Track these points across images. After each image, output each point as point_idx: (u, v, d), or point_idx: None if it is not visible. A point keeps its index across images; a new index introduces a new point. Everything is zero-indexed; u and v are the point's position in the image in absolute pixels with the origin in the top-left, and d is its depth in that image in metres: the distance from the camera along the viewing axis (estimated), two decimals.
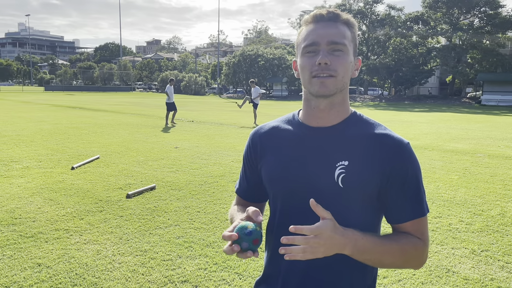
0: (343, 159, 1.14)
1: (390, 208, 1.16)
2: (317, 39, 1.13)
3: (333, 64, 1.12)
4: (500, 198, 5.80)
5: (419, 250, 1.15)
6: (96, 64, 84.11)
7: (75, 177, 6.67)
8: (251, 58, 52.87)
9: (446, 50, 41.44)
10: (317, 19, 1.16)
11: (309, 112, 1.22)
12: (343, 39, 1.14)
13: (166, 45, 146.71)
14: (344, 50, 1.14)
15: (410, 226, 1.16)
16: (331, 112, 1.18)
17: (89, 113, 19.88)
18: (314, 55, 1.14)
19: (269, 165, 1.25)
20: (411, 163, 1.15)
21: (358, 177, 1.12)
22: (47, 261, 3.59)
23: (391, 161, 1.13)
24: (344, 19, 1.16)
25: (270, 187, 1.26)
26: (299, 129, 1.23)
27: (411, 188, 1.15)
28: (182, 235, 4.28)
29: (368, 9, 47.98)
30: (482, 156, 9.24)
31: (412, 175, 1.15)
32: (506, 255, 3.84)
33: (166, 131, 13.23)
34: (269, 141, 1.28)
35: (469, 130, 14.78)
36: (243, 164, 1.38)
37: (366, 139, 1.16)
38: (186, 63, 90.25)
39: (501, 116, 23.50)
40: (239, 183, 1.41)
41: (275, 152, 1.24)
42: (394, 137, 1.16)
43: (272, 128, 1.30)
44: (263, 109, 25.29)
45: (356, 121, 1.21)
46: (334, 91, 1.14)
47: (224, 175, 6.96)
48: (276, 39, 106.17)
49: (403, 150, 1.14)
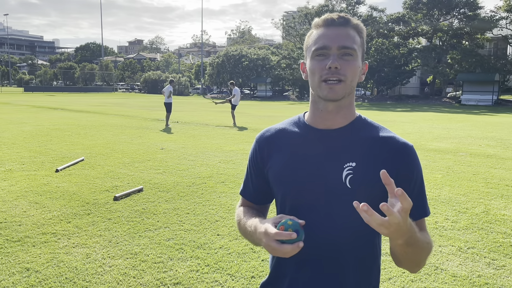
0: (351, 160, 1.16)
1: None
2: (328, 43, 1.15)
3: (343, 68, 1.14)
4: (483, 196, 5.93)
5: (432, 247, 1.20)
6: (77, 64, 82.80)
7: (60, 179, 6.56)
8: (235, 59, 52.86)
9: (426, 51, 42.10)
10: (328, 23, 1.18)
11: (316, 114, 1.23)
12: (353, 44, 1.16)
13: (149, 45, 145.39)
14: (354, 55, 1.16)
15: (418, 225, 1.18)
16: (338, 115, 1.21)
17: (71, 114, 19.58)
18: (324, 59, 1.15)
19: (277, 165, 1.25)
20: (416, 165, 1.19)
21: (365, 178, 1.15)
22: (35, 266, 3.53)
23: (398, 163, 1.16)
24: (354, 24, 1.18)
25: (278, 188, 1.26)
26: (306, 131, 1.25)
27: (417, 189, 1.19)
28: (172, 237, 4.26)
29: (350, 10, 48.43)
30: (464, 155, 9.43)
31: (417, 176, 1.19)
32: (492, 252, 3.94)
33: (149, 132, 13.12)
34: (276, 143, 1.29)
35: (450, 130, 15.07)
36: (248, 167, 1.38)
37: (373, 141, 1.19)
38: (169, 63, 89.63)
39: (481, 115, 24.00)
40: (244, 186, 1.41)
41: (283, 153, 1.25)
42: (399, 140, 1.20)
43: (278, 130, 1.31)
44: (248, 110, 25.30)
45: (361, 124, 1.23)
46: (342, 95, 1.16)
47: (212, 176, 6.95)
48: (259, 40, 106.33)
49: (408, 152, 1.18)
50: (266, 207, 1.41)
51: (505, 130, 14.90)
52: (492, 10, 39.62)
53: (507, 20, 38.09)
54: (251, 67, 52.41)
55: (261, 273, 3.49)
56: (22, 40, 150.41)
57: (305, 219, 1.18)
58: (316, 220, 1.17)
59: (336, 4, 49.23)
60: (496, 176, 7.18)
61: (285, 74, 51.05)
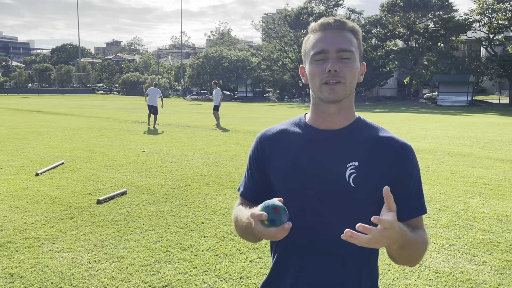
0: (354, 160, 1.20)
1: (398, 206, 1.22)
2: (326, 47, 1.18)
3: (342, 71, 1.17)
4: (462, 194, 6.09)
5: (428, 244, 1.25)
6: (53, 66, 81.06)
7: (41, 183, 6.44)
8: (215, 60, 52.73)
9: (403, 53, 42.89)
10: (324, 28, 1.21)
11: (318, 116, 1.26)
12: (351, 46, 1.19)
13: (127, 47, 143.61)
14: (352, 57, 1.19)
15: (415, 223, 1.24)
16: (339, 116, 1.24)
17: (48, 117, 19.18)
18: (323, 62, 1.18)
19: (280, 165, 1.27)
20: (415, 164, 1.24)
21: (368, 177, 1.19)
22: (19, 271, 3.46)
23: (398, 163, 1.21)
24: (350, 27, 1.22)
25: (281, 187, 1.27)
26: (308, 132, 1.27)
27: (416, 187, 1.24)
28: (158, 239, 4.23)
29: (329, 12, 48.90)
30: (442, 154, 9.66)
31: (416, 175, 1.24)
32: (473, 249, 4.05)
33: (130, 134, 12.97)
34: (278, 143, 1.30)
35: (428, 130, 15.39)
36: (248, 167, 1.39)
37: (373, 141, 1.23)
38: (148, 64, 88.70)
39: (456, 115, 24.60)
40: (243, 186, 1.41)
41: (286, 153, 1.27)
42: (399, 140, 1.25)
43: (280, 130, 1.33)
44: (229, 111, 25.28)
45: (361, 124, 1.28)
46: (343, 96, 1.20)
47: (196, 178, 6.93)
48: (239, 41, 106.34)
49: (408, 152, 1.23)
50: None
51: (480, 130, 15.31)
52: (466, 13, 40.77)
53: (481, 23, 39.15)
54: (231, 68, 52.37)
55: (249, 274, 3.51)
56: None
57: (309, 218, 1.21)
58: (320, 219, 1.20)
59: (315, 7, 49.63)
60: (473, 175, 7.39)
61: (266, 75, 51.20)
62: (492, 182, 6.87)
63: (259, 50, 56.96)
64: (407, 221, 1.23)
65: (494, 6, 36.63)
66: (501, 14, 36.85)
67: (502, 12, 36.68)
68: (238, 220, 1.31)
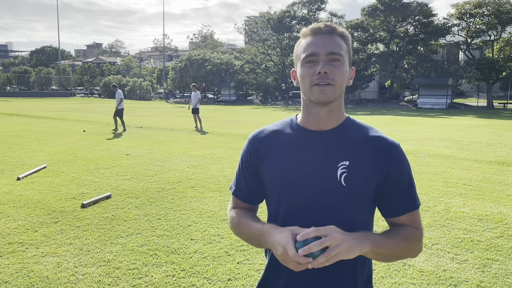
0: (344, 159, 1.24)
1: (387, 203, 1.28)
2: (316, 50, 1.22)
3: (331, 73, 1.21)
4: (443, 195, 6.23)
5: (418, 238, 1.29)
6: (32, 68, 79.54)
7: (23, 187, 6.34)
8: (198, 63, 52.56)
9: (384, 56, 43.55)
10: (315, 32, 1.25)
11: (308, 117, 1.30)
12: (340, 50, 1.24)
13: (108, 49, 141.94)
14: (341, 60, 1.24)
15: (406, 219, 1.29)
16: (329, 118, 1.28)
17: (28, 120, 18.84)
18: (313, 65, 1.23)
19: (273, 166, 1.31)
20: (405, 162, 1.29)
21: (359, 176, 1.23)
22: (4, 276, 3.41)
23: (388, 161, 1.25)
24: (339, 32, 1.26)
25: (274, 188, 1.31)
26: (299, 132, 1.31)
27: (406, 184, 1.28)
28: (145, 243, 4.22)
29: (311, 16, 49.33)
30: (423, 156, 9.85)
31: (406, 173, 1.28)
32: (455, 248, 4.16)
33: (113, 137, 12.84)
34: (270, 144, 1.34)
35: (409, 132, 15.65)
36: (241, 168, 1.41)
37: (363, 141, 1.28)
38: (130, 67, 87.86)
39: (436, 118, 25.07)
40: (236, 186, 1.44)
41: (278, 154, 1.31)
42: (387, 139, 1.30)
43: (272, 131, 1.37)
44: (213, 114, 25.22)
45: (351, 124, 1.32)
46: (332, 98, 1.24)
47: (181, 181, 6.91)
48: (222, 44, 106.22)
49: (397, 151, 1.28)
50: (256, 207, 1.46)
51: (459, 132, 15.65)
52: (445, 17, 41.47)
53: (459, 27, 40.04)
54: (215, 71, 52.28)
55: (237, 276, 3.53)
56: None
57: (302, 217, 1.24)
58: (312, 218, 1.23)
59: (298, 10, 49.99)
60: (454, 176, 7.56)
61: (249, 78, 51.26)
62: (472, 182, 7.04)
63: (242, 53, 56.99)
64: (399, 218, 1.28)
65: (472, 11, 37.52)
66: (478, 18, 37.76)
67: (480, 16, 37.60)
68: (241, 227, 1.35)
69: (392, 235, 1.24)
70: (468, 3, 37.83)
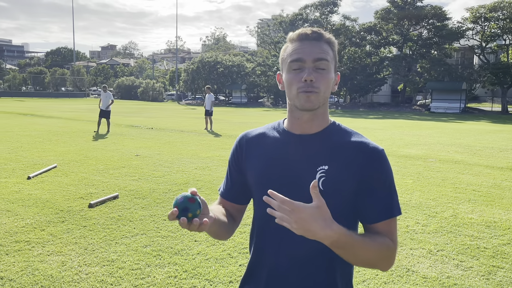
0: (324, 163, 1.24)
1: (365, 208, 1.25)
2: (303, 57, 1.23)
3: (317, 81, 1.22)
4: (452, 200, 6.16)
5: (391, 251, 1.23)
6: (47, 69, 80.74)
7: (32, 187, 6.43)
8: (210, 65, 52.83)
9: (397, 60, 43.27)
10: (302, 38, 1.26)
11: (293, 121, 1.32)
12: (327, 57, 1.24)
13: (122, 51, 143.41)
14: (327, 68, 1.24)
15: (382, 227, 1.24)
16: (314, 123, 1.29)
17: (42, 120, 19.12)
18: (300, 72, 1.23)
19: (256, 168, 1.33)
20: (386, 168, 1.26)
21: (337, 181, 1.22)
22: (9, 274, 3.47)
23: (368, 166, 1.24)
24: (326, 38, 1.27)
25: (257, 189, 1.33)
26: (283, 136, 1.33)
27: (385, 190, 1.25)
28: (149, 243, 4.25)
29: (324, 19, 49.26)
30: (434, 161, 9.75)
31: (385, 178, 1.25)
32: (460, 254, 4.11)
33: (122, 138, 12.97)
34: (255, 145, 1.37)
35: (420, 136, 15.52)
36: (228, 167, 1.45)
37: (345, 146, 1.27)
38: (143, 69, 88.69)
39: (449, 122, 24.81)
40: (223, 186, 1.47)
41: (261, 156, 1.34)
42: (370, 144, 1.27)
43: (258, 134, 1.40)
44: (223, 116, 25.31)
45: (335, 129, 1.32)
46: (317, 105, 1.25)
47: (188, 182, 6.95)
48: (234, 46, 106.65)
49: (379, 156, 1.26)
50: (243, 207, 1.48)
51: (471, 137, 15.46)
52: (459, 21, 41.08)
53: (473, 31, 39.61)
54: (226, 73, 52.47)
55: (239, 278, 3.53)
56: None
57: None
58: None
59: (310, 13, 49.96)
60: (463, 182, 7.47)
61: (260, 81, 51.35)
62: (482, 188, 6.95)
63: (254, 56, 57.20)
64: (375, 224, 1.24)
65: (486, 15, 37.09)
66: (493, 22, 37.32)
67: (495, 20, 37.15)
68: None
69: (365, 237, 1.20)
70: (483, 6, 37.41)
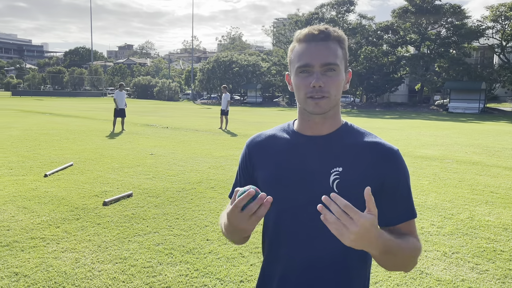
0: (338, 165, 1.21)
1: (385, 211, 1.21)
2: (310, 61, 1.18)
3: (326, 85, 1.17)
4: (468, 202, 6.05)
5: (419, 249, 1.22)
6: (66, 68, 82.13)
7: (49, 184, 6.54)
8: (226, 65, 52.97)
9: (415, 59, 42.64)
10: (309, 39, 1.20)
11: (304, 124, 1.28)
12: (336, 59, 1.19)
13: (139, 50, 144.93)
14: (337, 70, 1.19)
15: (404, 228, 1.23)
16: (325, 125, 1.25)
17: (60, 119, 19.44)
18: (308, 76, 1.19)
19: (267, 171, 1.29)
20: (403, 169, 1.23)
21: (352, 183, 1.19)
22: (24, 270, 3.53)
23: (384, 167, 1.20)
24: (334, 36, 1.21)
25: (267, 192, 1.26)
26: (294, 138, 1.29)
27: (404, 191, 1.23)
28: (161, 242, 4.28)
29: (340, 18, 48.91)
30: (451, 162, 9.59)
31: (403, 180, 1.23)
32: (476, 257, 4.03)
33: (138, 137, 13.09)
34: (266, 149, 1.33)
35: (437, 137, 15.28)
36: (238, 171, 1.41)
37: (359, 146, 1.23)
38: (159, 68, 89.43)
39: (468, 123, 24.37)
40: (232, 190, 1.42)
41: (272, 159, 1.29)
42: (385, 144, 1.24)
43: (268, 136, 1.36)
44: (238, 116, 25.35)
45: (348, 130, 1.28)
46: (327, 109, 1.21)
47: (202, 181, 6.97)
48: (250, 46, 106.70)
49: (395, 157, 1.22)
50: None
51: (490, 138, 15.15)
52: (479, 19, 40.33)
53: (493, 29, 38.82)
54: (242, 73, 52.55)
55: (250, 278, 3.53)
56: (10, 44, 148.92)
57: (294, 223, 1.22)
58: (304, 223, 1.21)
59: (326, 12, 49.67)
60: (481, 183, 7.32)
61: (275, 80, 51.27)
62: (500, 190, 6.80)
63: (269, 55, 57.09)
64: (396, 227, 1.22)
65: (507, 13, 36.32)
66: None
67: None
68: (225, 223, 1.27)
69: (402, 242, 1.16)
70: (503, 5, 36.66)
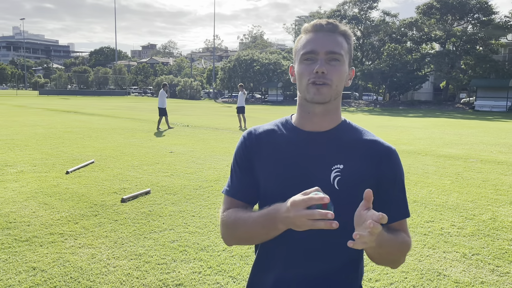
0: (339, 162, 1.20)
1: (381, 209, 1.18)
2: (316, 48, 1.18)
3: (329, 73, 1.17)
4: (492, 202, 5.87)
5: (409, 246, 1.24)
6: (91, 68, 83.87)
7: (70, 181, 6.67)
8: (247, 63, 53.03)
9: (440, 56, 41.74)
10: (316, 29, 1.22)
11: (303, 117, 1.26)
12: (341, 49, 1.19)
13: (162, 50, 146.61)
14: (341, 60, 1.19)
15: (398, 226, 1.24)
16: (325, 119, 1.23)
17: (83, 117, 19.85)
18: (312, 63, 1.19)
19: (265, 167, 1.26)
20: (399, 168, 1.24)
21: (352, 180, 1.18)
22: (41, 265, 3.60)
23: (382, 166, 1.21)
24: (341, 30, 1.22)
25: (266, 189, 1.26)
26: (293, 133, 1.27)
27: (400, 191, 1.24)
28: (176, 239, 4.30)
29: (362, 15, 48.33)
30: (475, 161, 9.34)
31: (399, 178, 1.24)
32: (497, 259, 3.90)
33: (159, 135, 13.24)
34: (264, 143, 1.29)
35: (462, 136, 14.91)
36: (235, 165, 1.35)
37: (359, 144, 1.23)
38: (181, 67, 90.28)
39: (494, 121, 23.71)
40: (229, 185, 1.35)
41: (271, 155, 1.26)
42: (383, 143, 1.24)
43: (266, 130, 1.32)
44: (258, 114, 25.36)
45: (347, 127, 1.27)
46: (328, 98, 1.19)
47: (219, 179, 6.99)
48: (271, 44, 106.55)
49: (392, 156, 1.23)
50: (251, 207, 1.41)
51: None
52: (506, 15, 39.15)
53: None
54: (263, 71, 52.53)
55: None
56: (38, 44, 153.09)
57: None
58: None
59: (348, 9, 49.15)
60: (506, 183, 7.10)
61: None
62: None
63: (290, 53, 56.86)
64: (391, 224, 1.22)
65: None
66: None
67: None
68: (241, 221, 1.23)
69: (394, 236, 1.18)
70: None
